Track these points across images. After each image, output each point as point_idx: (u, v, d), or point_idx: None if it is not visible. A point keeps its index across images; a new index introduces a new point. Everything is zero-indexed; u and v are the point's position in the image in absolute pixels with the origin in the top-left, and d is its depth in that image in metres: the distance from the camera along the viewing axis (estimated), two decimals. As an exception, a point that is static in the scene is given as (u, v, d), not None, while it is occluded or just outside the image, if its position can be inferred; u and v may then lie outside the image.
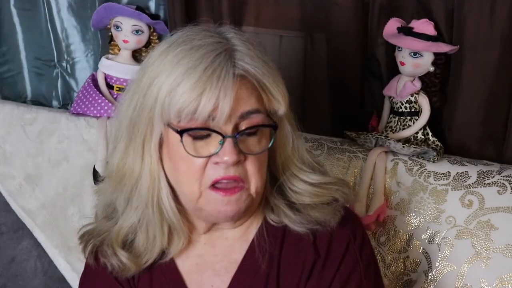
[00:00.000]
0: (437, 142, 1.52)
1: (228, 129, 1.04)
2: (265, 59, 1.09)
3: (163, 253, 1.16)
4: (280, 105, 1.09)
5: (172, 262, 1.18)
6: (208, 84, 1.02)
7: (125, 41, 1.77)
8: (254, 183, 1.08)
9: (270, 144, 1.09)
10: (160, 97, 1.05)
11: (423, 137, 1.53)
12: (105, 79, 1.80)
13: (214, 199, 1.07)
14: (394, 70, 1.57)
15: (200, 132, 1.05)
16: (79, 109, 1.78)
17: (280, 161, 1.14)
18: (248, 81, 1.06)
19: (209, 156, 1.05)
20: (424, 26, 1.50)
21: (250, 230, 1.17)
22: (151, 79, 1.07)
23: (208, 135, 1.05)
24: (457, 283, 1.37)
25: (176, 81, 1.04)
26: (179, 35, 1.11)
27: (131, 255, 1.15)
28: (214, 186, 1.06)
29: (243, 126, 1.06)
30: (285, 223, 1.13)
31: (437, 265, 1.40)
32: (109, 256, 1.15)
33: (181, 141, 1.05)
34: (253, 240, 1.15)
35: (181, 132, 1.05)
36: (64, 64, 1.98)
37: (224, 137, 1.04)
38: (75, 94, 1.96)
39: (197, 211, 1.12)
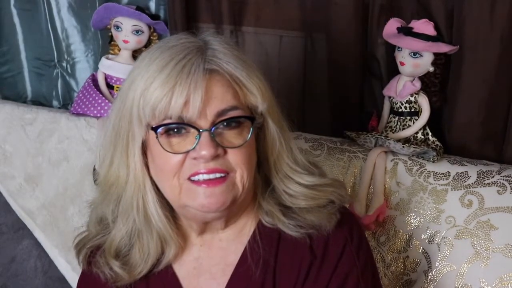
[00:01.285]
0: (437, 142, 1.52)
1: (205, 125, 1.04)
2: (241, 56, 1.09)
3: (157, 261, 1.15)
4: (257, 98, 1.08)
5: (169, 268, 1.17)
6: (179, 79, 1.03)
7: (125, 41, 1.77)
8: (240, 172, 1.07)
9: (249, 136, 1.07)
10: (136, 99, 1.06)
11: (422, 137, 1.53)
12: (105, 79, 1.80)
13: (196, 192, 1.06)
14: (394, 70, 1.57)
15: (177, 135, 1.05)
16: (79, 109, 1.79)
17: (272, 161, 1.13)
18: (222, 77, 1.06)
19: (187, 152, 1.05)
20: (424, 26, 1.50)
21: (244, 232, 1.16)
22: (129, 84, 1.08)
23: (186, 133, 1.05)
24: (456, 283, 1.37)
25: (149, 80, 1.04)
26: (159, 42, 1.12)
27: (125, 265, 1.14)
28: (193, 180, 1.05)
29: None
30: (280, 227, 1.13)
31: (436, 265, 1.40)
32: (102, 266, 1.15)
33: (157, 137, 1.05)
34: (248, 242, 1.14)
35: (155, 129, 1.05)
36: (64, 64, 1.98)
37: (199, 131, 1.03)
38: (75, 94, 1.96)
39: (183, 209, 1.10)
